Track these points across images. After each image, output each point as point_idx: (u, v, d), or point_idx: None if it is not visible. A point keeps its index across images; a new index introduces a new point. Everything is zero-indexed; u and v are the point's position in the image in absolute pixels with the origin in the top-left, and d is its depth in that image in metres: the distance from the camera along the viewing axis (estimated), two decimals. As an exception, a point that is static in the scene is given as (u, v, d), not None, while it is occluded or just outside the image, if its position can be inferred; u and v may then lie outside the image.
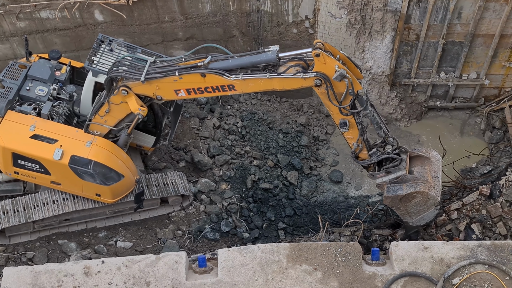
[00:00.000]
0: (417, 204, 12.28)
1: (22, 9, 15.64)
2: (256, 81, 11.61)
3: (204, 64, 11.64)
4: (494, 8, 16.05)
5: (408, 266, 10.15)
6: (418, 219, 12.66)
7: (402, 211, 12.52)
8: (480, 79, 17.73)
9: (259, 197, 16.18)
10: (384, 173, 12.29)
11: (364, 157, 12.52)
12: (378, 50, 16.96)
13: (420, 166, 12.38)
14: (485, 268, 10.10)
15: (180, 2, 16.09)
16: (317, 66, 11.27)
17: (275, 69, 11.57)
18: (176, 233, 14.79)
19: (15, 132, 12.90)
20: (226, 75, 11.60)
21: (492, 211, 12.94)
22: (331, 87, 11.38)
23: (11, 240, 13.97)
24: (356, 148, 12.29)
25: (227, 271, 10.01)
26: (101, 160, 12.99)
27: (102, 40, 13.49)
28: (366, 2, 15.97)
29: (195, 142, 16.48)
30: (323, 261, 10.16)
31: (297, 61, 11.53)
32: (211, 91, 11.96)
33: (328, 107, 11.84)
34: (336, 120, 12.01)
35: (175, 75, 11.84)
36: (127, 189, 13.84)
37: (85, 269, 9.99)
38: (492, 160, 17.14)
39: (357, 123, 11.89)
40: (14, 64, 13.83)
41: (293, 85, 11.60)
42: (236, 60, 11.67)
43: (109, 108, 12.79)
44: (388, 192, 12.20)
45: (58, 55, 14.17)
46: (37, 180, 13.50)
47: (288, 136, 17.55)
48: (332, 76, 11.22)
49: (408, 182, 12.12)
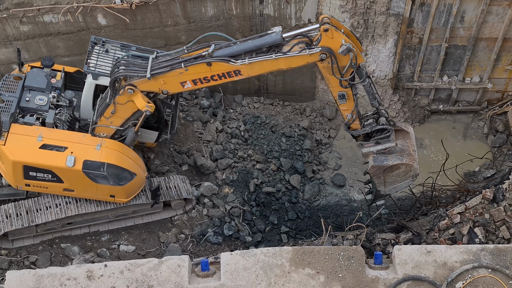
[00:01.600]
0: (398, 174, 12.92)
1: (26, 13, 15.69)
2: (262, 63, 11.73)
3: (209, 53, 11.73)
4: (497, 11, 16.05)
5: (411, 270, 10.13)
6: (391, 188, 13.35)
7: (380, 180, 13.09)
8: (483, 83, 17.72)
9: (261, 200, 16.17)
10: (374, 143, 12.73)
11: (356, 127, 12.86)
12: (381, 54, 16.96)
13: (402, 140, 12.93)
14: (489, 272, 10.07)
15: (183, 6, 16.12)
16: (324, 41, 11.44)
17: (279, 49, 11.66)
18: (178, 237, 14.79)
19: (23, 144, 12.89)
20: (232, 61, 11.70)
21: (495, 215, 12.91)
22: (335, 61, 11.57)
23: (14, 244, 13.98)
24: (350, 119, 12.58)
25: (230, 275, 10.00)
26: (113, 161, 13.09)
27: (95, 42, 13.54)
28: (369, 6, 15.98)
29: (198, 146, 16.49)
30: (326, 265, 10.14)
31: (300, 38, 11.64)
32: (217, 79, 12.05)
33: (328, 80, 12.04)
34: (334, 92, 12.24)
35: (181, 68, 11.91)
36: (139, 187, 13.94)
37: (87, 273, 9.99)
38: (495, 163, 17.12)
39: (353, 94, 12.18)
40: (8, 77, 13.79)
41: (299, 62, 11.74)
42: (241, 45, 11.79)
43: (115, 109, 12.82)
44: (375, 162, 12.73)
45: (51, 62, 14.17)
46: (49, 190, 13.53)
47: (291, 139, 17.55)
48: (337, 49, 11.45)
49: (394, 154, 12.68)
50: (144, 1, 15.75)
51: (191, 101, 17.60)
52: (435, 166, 16.95)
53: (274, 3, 16.37)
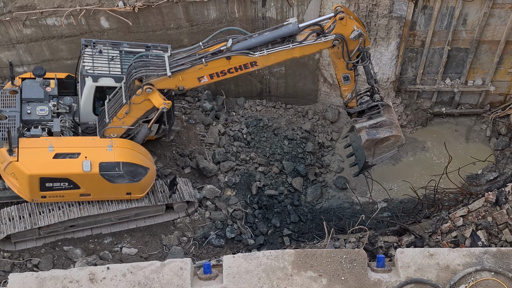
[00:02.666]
0: (386, 146, 14.02)
1: (29, 16, 15.73)
2: (278, 53, 12.36)
3: (227, 47, 12.19)
4: (499, 14, 16.05)
5: (413, 273, 10.12)
6: (377, 159, 14.40)
7: (370, 152, 14.09)
8: (486, 86, 17.71)
9: (264, 203, 16.17)
10: (367, 118, 13.80)
11: (353, 105, 13.81)
12: (383, 57, 16.97)
13: (388, 114, 13.99)
14: (491, 275, 10.06)
15: (185, 9, 16.15)
16: (338, 28, 12.30)
17: (294, 39, 12.32)
18: (181, 240, 14.79)
19: (36, 157, 12.87)
20: (251, 53, 12.23)
21: (498, 218, 12.88)
22: (346, 46, 12.44)
23: (16, 246, 13.98)
24: (349, 98, 13.54)
25: (232, 277, 10.00)
26: (128, 159, 13.26)
27: (86, 45, 13.59)
28: (371, 9, 15.99)
29: (200, 149, 16.50)
30: (328, 267, 10.13)
31: (313, 27, 12.41)
32: (233, 71, 12.57)
33: (335, 64, 12.93)
34: (339, 75, 13.16)
35: (201, 63, 12.29)
36: (152, 180, 14.09)
37: (90, 276, 10.00)
38: (498, 166, 17.10)
39: (355, 76, 13.14)
40: (3, 92, 13.79)
41: (312, 50, 12.57)
42: (259, 37, 12.35)
43: (129, 109, 12.97)
44: (368, 136, 13.73)
45: (43, 71, 14.20)
46: (66, 198, 13.57)
47: (293, 142, 17.55)
48: (348, 35, 12.36)
49: (384, 127, 13.78)
50: (146, 4, 15.79)
51: (194, 104, 17.61)
52: (438, 169, 16.94)
53: (276, 6, 16.39)
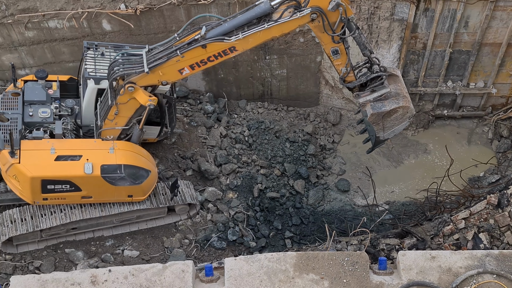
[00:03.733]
0: (395, 118, 13.02)
1: (31, 19, 15.76)
2: (255, 35, 11.74)
3: (202, 35, 11.74)
4: (501, 17, 16.05)
5: (415, 275, 10.10)
6: (389, 132, 13.42)
7: (379, 127, 13.17)
8: (488, 88, 17.70)
9: (266, 206, 16.16)
10: (370, 92, 12.80)
11: (351, 79, 12.90)
12: (385, 59, 16.97)
13: (394, 84, 13.02)
14: (493, 277, 10.04)
15: (187, 12, 16.17)
16: (313, 1, 11.47)
17: (270, 18, 11.67)
18: (183, 242, 14.78)
19: (38, 159, 12.88)
20: (226, 39, 11.71)
21: (500, 220, 12.87)
22: (326, 18, 11.61)
23: (18, 249, 13.99)
24: (344, 72, 12.64)
25: (234, 280, 9.99)
26: (129, 162, 13.22)
27: (88, 47, 13.57)
28: (373, 11, 16.00)
29: (202, 151, 16.51)
30: (330, 270, 10.12)
31: (289, 3, 11.64)
32: (213, 59, 12.09)
33: (320, 38, 12.07)
34: (327, 49, 12.28)
35: (177, 55, 11.93)
36: (153, 183, 14.06)
37: (92, 278, 9.99)
38: (499, 169, 17.08)
39: (345, 48, 12.23)
40: (6, 94, 13.82)
41: (291, 27, 11.78)
42: (232, 21, 11.80)
43: (117, 110, 12.89)
44: (373, 109, 12.74)
45: (45, 74, 14.22)
46: (67, 200, 13.55)
47: (295, 145, 17.54)
48: (326, 7, 11.49)
49: (390, 99, 12.77)
50: (148, 7, 15.81)
51: (195, 106, 17.63)
52: (440, 171, 16.93)
53: (278, 9, 16.39)
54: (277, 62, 17.80)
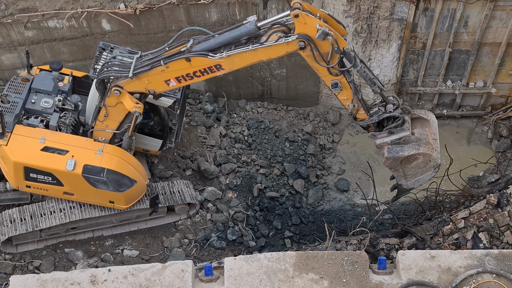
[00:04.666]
0: (417, 166, 12.05)
1: (30, 19, 15.76)
2: (241, 56, 11.26)
3: (187, 48, 11.45)
4: (500, 16, 16.05)
5: (415, 275, 10.11)
6: (413, 181, 12.48)
7: (399, 173, 12.27)
8: (487, 88, 17.71)
9: (265, 205, 16.17)
10: (387, 133, 11.87)
11: (363, 117, 12.04)
12: (385, 59, 16.97)
13: (421, 128, 12.02)
14: (493, 277, 10.04)
15: (186, 12, 16.17)
16: (298, 28, 10.87)
17: (258, 40, 11.20)
18: (182, 242, 14.79)
19: (25, 146, 12.91)
20: (210, 55, 11.34)
21: (500, 220, 12.87)
22: (315, 48, 10.97)
23: (18, 249, 14.00)
24: (352, 109, 11.81)
25: (234, 279, 9.99)
26: (114, 167, 13.03)
27: (103, 48, 13.53)
28: (373, 11, 16.00)
29: (201, 151, 16.51)
30: (330, 270, 10.13)
31: (278, 27, 11.12)
32: (200, 75, 11.74)
33: (317, 69, 11.40)
34: (327, 82, 11.58)
35: (161, 65, 11.70)
36: (139, 194, 13.90)
37: (91, 278, 10.00)
38: (499, 168, 17.08)
39: (348, 82, 11.46)
40: (16, 78, 13.82)
41: (278, 53, 11.18)
42: (217, 38, 11.43)
43: (107, 112, 12.75)
44: (389, 153, 11.86)
45: (59, 66, 14.19)
46: (50, 192, 13.53)
47: (295, 144, 17.55)
48: (314, 36, 10.82)
49: (410, 144, 11.78)
50: (148, 7, 15.81)
51: (195, 106, 17.63)
52: (439, 171, 16.75)
53: (277, 8, 16.40)
54: (276, 61, 17.80)
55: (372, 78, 11.63)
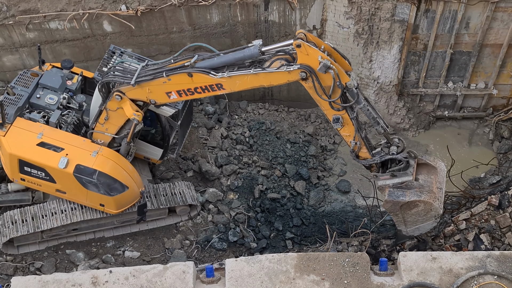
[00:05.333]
0: (417, 213, 11.73)
1: (32, 20, 15.78)
2: (243, 78, 11.20)
3: (191, 63, 11.42)
4: (502, 18, 16.05)
5: (416, 276, 10.11)
6: (413, 229, 12.19)
7: (399, 218, 12.00)
8: (488, 89, 17.70)
9: (266, 207, 16.17)
10: (389, 176, 11.61)
11: (365, 156, 11.82)
12: (386, 60, 16.97)
13: (426, 175, 11.75)
14: (494, 278, 10.04)
15: (188, 13, 16.19)
16: (301, 58, 10.74)
17: (261, 65, 11.12)
18: (183, 243, 14.79)
19: (22, 139, 12.96)
20: (212, 73, 11.29)
21: (501, 221, 12.87)
22: (317, 80, 10.83)
23: (19, 250, 14.00)
24: (354, 146, 11.63)
25: (235, 281, 10.00)
26: (106, 171, 12.97)
27: (113, 52, 13.51)
28: (374, 12, 16.01)
29: (202, 152, 16.52)
30: (331, 271, 10.13)
31: (282, 55, 11.02)
32: (201, 92, 11.71)
33: (319, 102, 11.24)
34: (329, 116, 11.42)
35: (163, 77, 11.68)
36: (131, 201, 13.83)
37: (92, 279, 10.00)
38: (500, 170, 17.07)
39: (351, 118, 11.24)
40: (26, 72, 13.91)
41: (280, 80, 11.08)
42: (221, 57, 11.39)
43: (107, 115, 12.76)
44: (390, 197, 11.58)
45: (70, 64, 14.25)
46: (43, 188, 13.55)
47: (296, 146, 17.55)
48: (316, 67, 10.67)
49: (413, 189, 11.48)
50: (149, 8, 15.83)
51: (196, 107, 17.63)
52: (440, 172, 16.91)
53: (279, 10, 16.42)
54: (278, 63, 17.80)
55: (375, 117, 11.41)
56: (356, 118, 11.28)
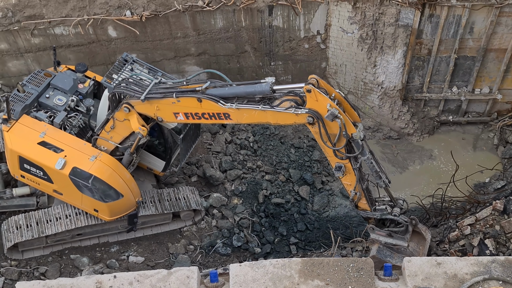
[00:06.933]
0: None
1: (37, 26, 15.84)
2: (250, 112, 11.27)
3: (202, 89, 11.49)
4: (506, 22, 16.04)
5: (421, 282, 10.07)
6: None
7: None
8: (493, 94, 17.68)
9: (270, 212, 16.16)
10: (386, 234, 11.98)
11: (364, 208, 12.05)
12: (390, 65, 16.98)
13: (416, 244, 12.08)
14: (499, 284, 9.99)
15: (192, 18, 16.23)
16: (310, 103, 10.84)
17: (271, 102, 11.17)
18: (188, 248, 14.79)
19: (25, 136, 13.03)
20: (222, 102, 11.35)
21: (506, 226, 12.84)
22: (323, 127, 10.90)
23: (24, 255, 14.03)
24: (354, 196, 11.80)
25: (239, 286, 9.98)
26: (102, 176, 12.94)
27: (126, 60, 13.53)
28: (378, 17, 16.02)
29: (207, 157, 16.53)
30: (335, 276, 10.10)
31: (293, 96, 11.09)
32: (207, 118, 11.79)
33: (323, 148, 11.35)
34: (332, 163, 11.50)
35: (172, 97, 11.77)
36: (126, 209, 13.79)
37: (97, 284, 10.01)
38: (505, 175, 17.03)
39: (353, 168, 11.33)
40: (40, 72, 14.00)
41: (286, 121, 11.12)
42: (232, 88, 11.46)
43: (114, 124, 12.83)
44: (378, 254, 11.85)
45: (84, 68, 14.32)
46: (41, 187, 13.63)
47: (300, 150, 17.55)
48: (324, 114, 10.73)
49: (401, 255, 11.71)
50: (154, 14, 15.88)
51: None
52: (445, 177, 16.89)
53: (283, 15, 16.44)
54: (282, 68, 17.83)
55: (378, 171, 11.50)
56: (359, 169, 11.38)
